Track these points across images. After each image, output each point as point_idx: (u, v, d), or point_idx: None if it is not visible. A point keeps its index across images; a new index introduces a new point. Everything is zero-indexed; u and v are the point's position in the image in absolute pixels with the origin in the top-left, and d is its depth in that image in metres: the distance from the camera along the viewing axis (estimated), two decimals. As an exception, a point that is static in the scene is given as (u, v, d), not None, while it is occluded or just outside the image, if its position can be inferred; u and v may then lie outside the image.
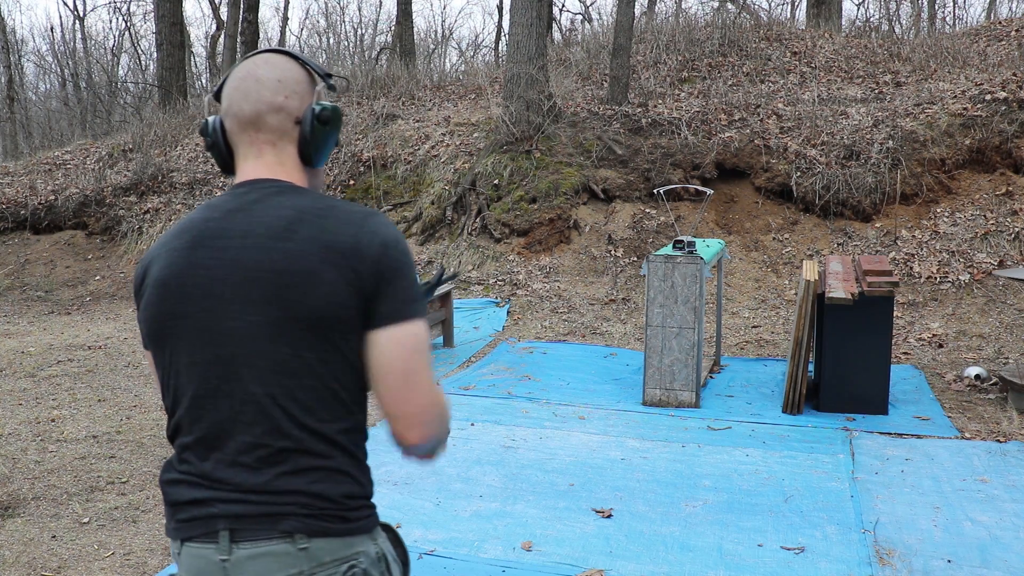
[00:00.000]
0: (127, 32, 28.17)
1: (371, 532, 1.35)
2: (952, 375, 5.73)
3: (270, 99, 1.36)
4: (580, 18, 29.73)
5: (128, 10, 34.05)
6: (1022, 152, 8.27)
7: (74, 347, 7.05)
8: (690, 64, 11.51)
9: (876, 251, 7.87)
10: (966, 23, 23.72)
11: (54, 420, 5.08)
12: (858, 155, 8.52)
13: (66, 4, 34.12)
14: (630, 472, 4.15)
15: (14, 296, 9.66)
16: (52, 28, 40.80)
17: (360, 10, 55.45)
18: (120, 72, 27.65)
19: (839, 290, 4.83)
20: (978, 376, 5.53)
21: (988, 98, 8.74)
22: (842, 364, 4.98)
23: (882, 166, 8.33)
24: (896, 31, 18.98)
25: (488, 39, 35.16)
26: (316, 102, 1.40)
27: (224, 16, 20.06)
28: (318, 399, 1.29)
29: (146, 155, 11.51)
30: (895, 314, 6.96)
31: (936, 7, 23.49)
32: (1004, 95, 8.66)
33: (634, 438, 4.67)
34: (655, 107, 10.02)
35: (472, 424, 4.90)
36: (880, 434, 4.68)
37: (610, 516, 3.64)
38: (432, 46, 32.56)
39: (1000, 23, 12.82)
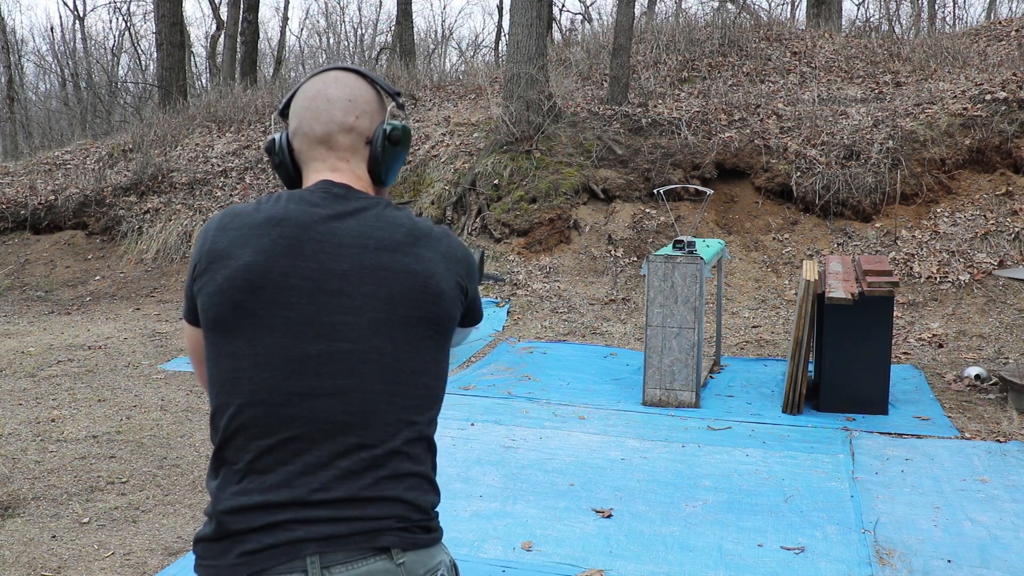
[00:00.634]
0: (127, 32, 28.16)
1: (442, 541, 1.36)
2: (952, 375, 5.73)
3: (341, 119, 1.36)
4: (580, 18, 29.74)
5: (128, 10, 34.05)
6: (1022, 152, 8.27)
7: (74, 347, 7.05)
8: (690, 64, 11.51)
9: (876, 251, 7.87)
10: (966, 23, 23.71)
11: (54, 420, 5.08)
12: (858, 155, 8.52)
13: (66, 4, 34.17)
14: (630, 472, 4.15)
15: (14, 296, 9.65)
16: (52, 28, 40.84)
17: (360, 10, 55.49)
18: (120, 72, 27.66)
19: (839, 290, 4.83)
20: (978, 376, 5.53)
21: (988, 98, 8.74)
22: (842, 364, 4.98)
23: (882, 166, 8.33)
24: (896, 31, 18.98)
25: (488, 39, 35.16)
26: (387, 121, 1.41)
27: (224, 16, 20.07)
28: (423, 398, 1.31)
29: (146, 155, 11.51)
30: (895, 314, 6.96)
31: (936, 7, 23.49)
32: (1004, 95, 8.66)
33: (634, 438, 4.66)
34: (655, 107, 10.02)
35: (472, 424, 4.90)
36: (880, 434, 4.68)
37: (610, 516, 3.63)
38: (432, 46, 32.56)
39: (1000, 23, 12.82)
